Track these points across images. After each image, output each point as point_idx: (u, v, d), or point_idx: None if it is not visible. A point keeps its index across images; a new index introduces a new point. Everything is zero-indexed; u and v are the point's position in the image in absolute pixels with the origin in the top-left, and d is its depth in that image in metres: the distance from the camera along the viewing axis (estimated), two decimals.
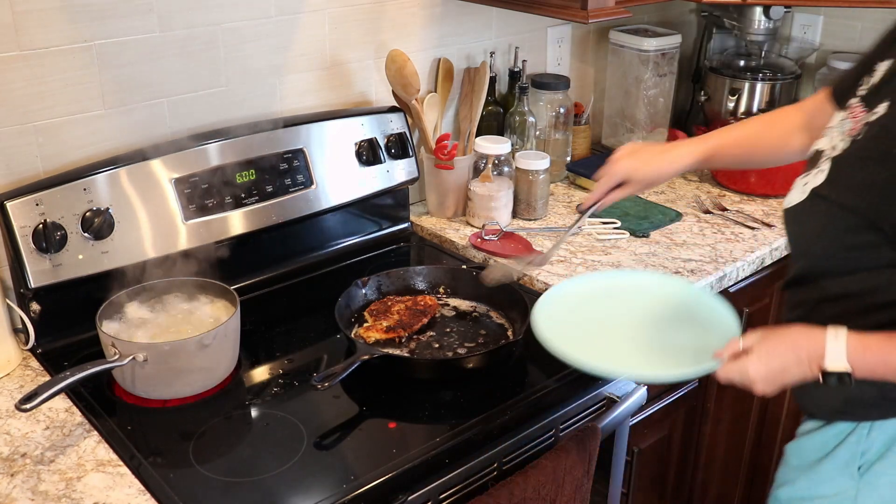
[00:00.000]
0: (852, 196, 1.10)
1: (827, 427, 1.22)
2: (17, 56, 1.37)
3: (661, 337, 1.33)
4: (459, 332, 1.49)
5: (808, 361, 1.08)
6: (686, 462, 1.89)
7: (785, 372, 1.10)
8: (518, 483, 1.25)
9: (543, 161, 1.88)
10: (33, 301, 1.40)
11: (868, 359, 1.06)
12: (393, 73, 1.76)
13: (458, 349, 1.44)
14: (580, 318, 1.38)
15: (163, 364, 1.27)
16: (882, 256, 1.10)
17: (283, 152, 1.62)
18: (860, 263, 1.12)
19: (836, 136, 1.19)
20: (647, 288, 1.46)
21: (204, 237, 1.52)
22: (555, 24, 2.14)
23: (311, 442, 1.22)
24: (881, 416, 1.16)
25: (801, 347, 1.09)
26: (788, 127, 1.45)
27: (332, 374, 1.27)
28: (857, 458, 1.18)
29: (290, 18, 1.67)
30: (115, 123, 1.50)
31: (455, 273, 1.62)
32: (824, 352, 1.07)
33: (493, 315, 1.55)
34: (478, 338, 1.47)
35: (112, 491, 1.12)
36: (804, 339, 1.10)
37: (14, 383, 1.35)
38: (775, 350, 1.11)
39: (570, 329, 1.32)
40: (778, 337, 1.13)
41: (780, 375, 1.11)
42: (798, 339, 1.11)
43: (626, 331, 1.34)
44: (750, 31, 2.25)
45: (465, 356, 1.41)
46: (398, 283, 1.59)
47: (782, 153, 1.46)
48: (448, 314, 1.55)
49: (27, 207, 1.35)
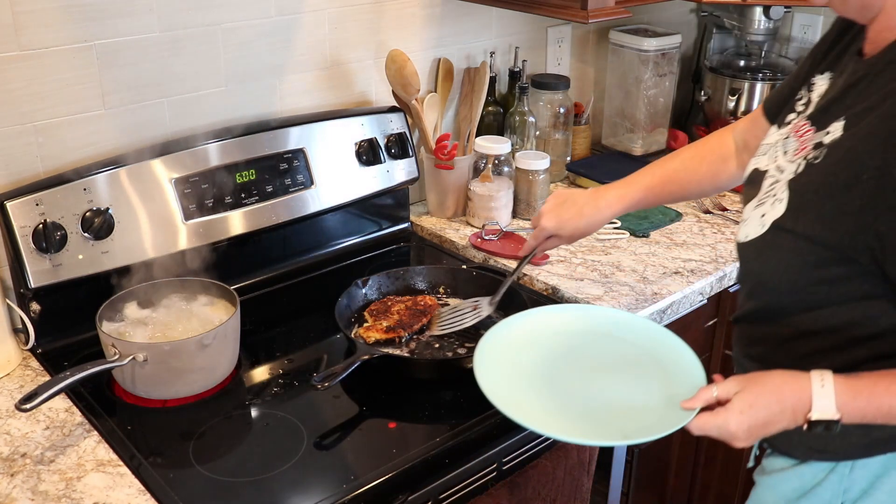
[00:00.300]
0: (822, 228, 1.02)
1: (802, 466, 1.17)
2: (18, 56, 1.37)
3: (619, 389, 1.18)
4: (459, 332, 1.49)
5: (792, 412, 1.02)
6: (686, 462, 1.89)
7: (769, 425, 1.03)
8: (518, 483, 1.25)
9: (543, 161, 1.88)
10: (33, 301, 1.40)
11: (858, 404, 1.00)
12: (393, 73, 1.76)
13: (458, 349, 1.44)
14: (524, 362, 1.23)
15: (163, 364, 1.27)
16: (854, 289, 1.04)
17: (283, 152, 1.62)
18: (830, 297, 1.07)
19: (781, 157, 1.15)
20: (595, 325, 1.32)
21: (204, 237, 1.52)
22: (555, 24, 2.14)
23: (311, 442, 1.22)
24: (865, 454, 1.11)
25: (785, 398, 1.02)
26: (721, 154, 1.43)
27: (332, 374, 1.27)
28: (839, 497, 1.13)
29: (290, 18, 1.67)
30: (115, 123, 1.50)
31: (455, 273, 1.62)
32: (811, 401, 1.00)
33: (493, 315, 1.55)
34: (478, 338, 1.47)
35: (112, 491, 1.12)
36: (788, 388, 1.02)
37: (14, 383, 1.35)
38: (758, 402, 1.02)
39: (515, 380, 1.19)
40: (760, 387, 1.04)
41: (763, 429, 1.03)
42: (782, 390, 1.02)
43: (578, 383, 1.19)
44: (750, 31, 2.25)
45: (464, 356, 1.41)
46: (398, 283, 1.59)
47: (719, 181, 1.43)
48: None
49: (27, 207, 1.35)
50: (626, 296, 1.59)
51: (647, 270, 1.69)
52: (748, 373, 1.07)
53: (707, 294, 1.68)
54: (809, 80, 1.20)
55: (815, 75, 1.20)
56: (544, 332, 1.30)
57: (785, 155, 1.15)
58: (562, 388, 1.18)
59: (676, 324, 1.64)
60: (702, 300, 1.68)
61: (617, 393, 1.17)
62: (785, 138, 1.17)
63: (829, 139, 1.06)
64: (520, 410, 1.10)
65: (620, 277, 1.66)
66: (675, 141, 2.27)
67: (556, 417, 1.11)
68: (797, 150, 1.12)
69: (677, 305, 1.61)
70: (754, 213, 1.13)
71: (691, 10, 2.45)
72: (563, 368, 1.22)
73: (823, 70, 1.19)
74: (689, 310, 1.65)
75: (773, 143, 1.20)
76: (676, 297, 1.61)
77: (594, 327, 1.31)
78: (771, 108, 1.31)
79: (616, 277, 1.66)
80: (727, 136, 1.44)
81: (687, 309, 1.64)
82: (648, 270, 1.69)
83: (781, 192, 1.09)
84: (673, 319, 1.63)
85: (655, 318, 1.58)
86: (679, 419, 1.06)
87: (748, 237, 1.14)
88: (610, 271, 1.69)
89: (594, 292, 1.60)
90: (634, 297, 1.58)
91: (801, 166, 1.09)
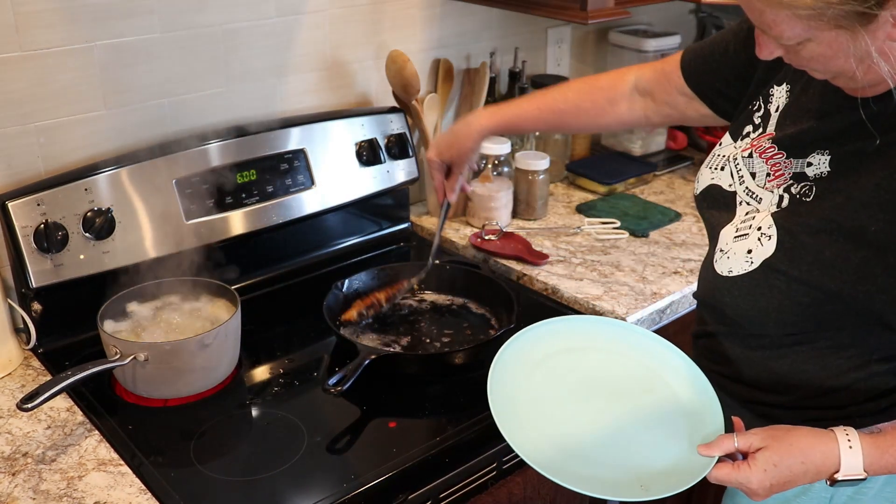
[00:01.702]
0: (820, 273, 1.01)
1: None
2: (19, 56, 1.37)
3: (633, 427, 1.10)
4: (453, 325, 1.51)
5: (817, 472, 0.99)
6: None
7: (791, 483, 1.00)
8: (518, 483, 1.25)
9: (543, 161, 1.88)
10: (35, 301, 1.40)
11: (885, 462, 0.98)
12: (393, 73, 1.76)
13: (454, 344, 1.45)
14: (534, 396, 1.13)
15: (164, 364, 1.27)
16: (848, 321, 1.04)
17: (283, 152, 1.62)
18: (820, 329, 1.07)
19: (749, 179, 1.11)
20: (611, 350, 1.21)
21: (205, 237, 1.52)
22: (554, 24, 2.14)
23: (312, 441, 1.23)
24: None
25: (812, 460, 0.99)
26: (611, 95, 1.36)
27: (343, 377, 1.26)
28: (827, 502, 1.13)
29: (291, 19, 1.67)
30: (116, 124, 1.51)
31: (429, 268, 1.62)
32: (839, 463, 0.98)
33: (472, 307, 1.56)
34: (463, 330, 1.50)
35: (113, 490, 1.12)
36: (816, 451, 0.99)
37: (15, 383, 1.35)
38: (783, 462, 0.99)
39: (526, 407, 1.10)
40: (786, 447, 0.99)
41: (784, 486, 1.00)
42: (809, 452, 0.99)
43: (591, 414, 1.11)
44: None
45: (462, 349, 1.41)
46: (372, 283, 1.59)
47: (602, 121, 1.37)
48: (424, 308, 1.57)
49: (28, 207, 1.35)
50: (625, 296, 1.59)
51: (646, 270, 1.69)
52: (769, 426, 1.03)
53: None
54: (767, 89, 1.15)
55: (772, 85, 1.15)
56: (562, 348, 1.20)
57: (754, 179, 1.11)
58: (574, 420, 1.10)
59: (675, 324, 1.64)
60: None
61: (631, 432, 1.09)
62: (747, 156, 1.13)
63: (813, 173, 1.04)
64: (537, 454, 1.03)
65: (620, 277, 1.66)
66: (673, 141, 2.28)
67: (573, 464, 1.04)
68: (771, 177, 1.09)
69: (676, 305, 1.62)
70: (736, 247, 1.10)
71: (690, 10, 2.45)
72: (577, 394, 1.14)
73: (780, 81, 1.13)
74: (688, 310, 1.65)
75: (730, 156, 1.16)
76: (676, 297, 1.61)
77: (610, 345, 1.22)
78: (693, 71, 1.25)
79: (615, 277, 1.66)
80: (625, 77, 1.37)
81: (686, 309, 1.65)
82: (648, 270, 1.69)
83: (767, 226, 1.06)
84: (672, 319, 1.63)
85: (655, 317, 1.58)
86: (699, 469, 1.02)
87: (732, 272, 1.10)
88: (609, 271, 1.69)
89: (594, 292, 1.61)
90: (634, 297, 1.59)
91: (785, 200, 1.06)
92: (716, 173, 1.18)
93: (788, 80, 1.13)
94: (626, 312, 1.54)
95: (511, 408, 1.09)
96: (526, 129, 1.47)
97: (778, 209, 1.06)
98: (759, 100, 1.17)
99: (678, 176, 2.18)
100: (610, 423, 1.10)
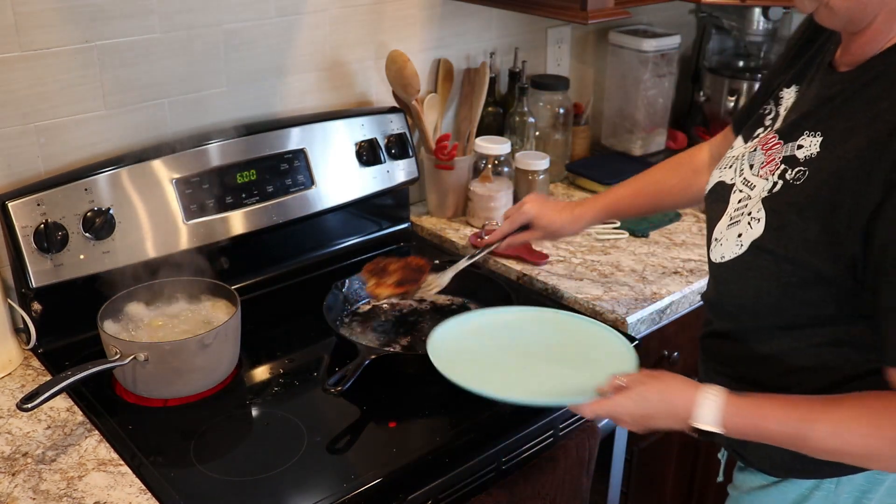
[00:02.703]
0: (805, 250, 1.02)
1: (784, 483, 1.17)
2: (19, 56, 1.37)
3: (551, 369, 1.26)
4: None
5: (675, 416, 1.07)
6: (686, 462, 1.89)
7: (652, 419, 1.08)
8: (518, 483, 1.25)
9: (543, 161, 1.88)
10: (35, 301, 1.40)
11: (738, 423, 1.03)
12: (393, 73, 1.76)
13: None
14: (476, 345, 1.32)
15: (164, 364, 1.27)
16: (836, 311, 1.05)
17: (283, 152, 1.63)
18: (811, 319, 1.07)
19: (747, 170, 1.13)
20: (548, 322, 1.39)
21: (205, 237, 1.52)
22: (554, 24, 2.14)
23: (312, 441, 1.23)
24: (835, 472, 1.11)
25: (672, 401, 1.07)
26: (694, 166, 1.45)
27: (343, 377, 1.26)
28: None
29: (291, 19, 1.67)
30: (116, 124, 1.51)
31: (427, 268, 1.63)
32: (694, 412, 1.04)
33: (472, 307, 1.57)
34: None
35: (113, 490, 1.13)
36: (677, 394, 1.07)
37: (15, 383, 1.35)
38: (649, 397, 1.08)
39: (462, 354, 1.28)
40: (656, 383, 1.09)
41: (647, 421, 1.09)
42: (671, 394, 1.07)
43: (517, 361, 1.29)
44: (749, 32, 2.26)
45: None
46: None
47: (691, 193, 1.44)
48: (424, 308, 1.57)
49: (28, 207, 1.35)
50: (625, 296, 1.59)
51: (646, 270, 1.69)
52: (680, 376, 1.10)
53: None
54: (777, 92, 1.18)
55: (781, 88, 1.18)
56: (500, 325, 1.38)
57: (751, 168, 1.13)
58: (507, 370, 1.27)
59: (675, 324, 1.64)
60: (701, 300, 1.68)
61: (553, 377, 1.24)
62: (752, 151, 1.15)
63: (803, 154, 1.05)
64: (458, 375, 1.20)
65: (620, 277, 1.66)
66: (674, 141, 2.28)
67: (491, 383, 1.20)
68: (764, 164, 1.10)
69: (676, 305, 1.62)
70: (728, 233, 1.12)
71: (690, 10, 2.45)
72: (511, 356, 1.30)
73: (790, 83, 1.17)
74: (688, 309, 1.65)
75: (738, 155, 1.18)
76: (675, 297, 1.61)
77: (543, 323, 1.39)
78: (738, 121, 1.30)
79: (615, 277, 1.66)
80: (703, 150, 1.46)
81: (686, 309, 1.65)
82: (648, 270, 1.69)
83: (757, 210, 1.08)
84: (672, 319, 1.63)
85: (655, 317, 1.58)
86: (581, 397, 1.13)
87: (724, 258, 1.12)
88: (609, 271, 1.69)
89: (594, 292, 1.61)
90: (633, 297, 1.59)
91: (777, 185, 1.07)
92: (723, 171, 1.20)
93: (797, 80, 1.15)
94: (626, 312, 1.54)
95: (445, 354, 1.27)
96: (624, 215, 1.60)
97: (769, 194, 1.08)
98: (770, 103, 1.19)
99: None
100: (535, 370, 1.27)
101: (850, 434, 0.98)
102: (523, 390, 1.20)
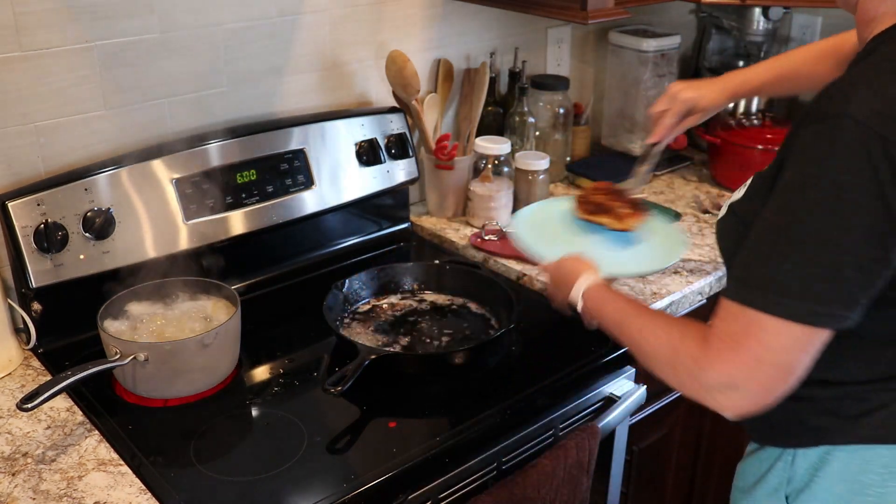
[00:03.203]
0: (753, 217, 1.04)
1: (761, 451, 1.19)
2: (19, 56, 1.37)
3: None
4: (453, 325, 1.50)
5: (566, 284, 1.28)
6: (686, 462, 1.89)
7: (555, 282, 1.32)
8: (518, 483, 1.25)
9: (543, 161, 1.88)
10: (35, 301, 1.40)
11: (595, 307, 1.23)
12: (393, 73, 1.76)
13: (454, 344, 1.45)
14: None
15: (164, 364, 1.27)
16: None
17: (283, 152, 1.63)
18: None
19: None
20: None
21: (205, 237, 1.52)
22: (554, 24, 2.14)
23: (312, 441, 1.23)
24: (798, 444, 1.13)
25: (565, 270, 1.29)
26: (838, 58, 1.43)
27: (343, 377, 1.26)
28: (784, 486, 1.15)
29: (291, 19, 1.67)
30: (116, 124, 1.51)
31: (428, 269, 1.63)
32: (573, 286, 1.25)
33: (472, 306, 1.57)
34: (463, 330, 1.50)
35: (113, 490, 1.13)
36: (569, 268, 1.29)
37: (15, 383, 1.35)
38: (560, 265, 1.32)
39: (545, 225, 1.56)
40: (568, 258, 1.33)
41: (555, 284, 1.33)
42: (565, 268, 1.30)
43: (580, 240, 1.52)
44: (749, 32, 2.26)
45: (462, 349, 1.41)
46: (374, 284, 1.59)
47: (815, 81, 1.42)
48: (424, 308, 1.57)
49: (28, 207, 1.35)
50: None
51: None
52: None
53: (706, 294, 1.68)
54: None
55: None
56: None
57: None
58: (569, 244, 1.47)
59: None
60: (701, 300, 1.68)
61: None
62: None
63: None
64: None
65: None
66: (674, 141, 2.27)
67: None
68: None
69: (676, 305, 1.62)
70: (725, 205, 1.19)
71: (690, 10, 2.45)
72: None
73: None
74: (688, 309, 1.65)
75: None
76: (676, 297, 1.61)
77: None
78: None
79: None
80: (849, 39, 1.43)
81: (686, 308, 1.65)
82: None
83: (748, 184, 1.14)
84: None
85: None
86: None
87: (718, 217, 1.20)
88: None
89: None
90: (634, 297, 1.59)
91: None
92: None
93: None
94: None
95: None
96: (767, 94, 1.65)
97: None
98: None
99: (678, 176, 2.18)
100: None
101: (649, 334, 1.10)
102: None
